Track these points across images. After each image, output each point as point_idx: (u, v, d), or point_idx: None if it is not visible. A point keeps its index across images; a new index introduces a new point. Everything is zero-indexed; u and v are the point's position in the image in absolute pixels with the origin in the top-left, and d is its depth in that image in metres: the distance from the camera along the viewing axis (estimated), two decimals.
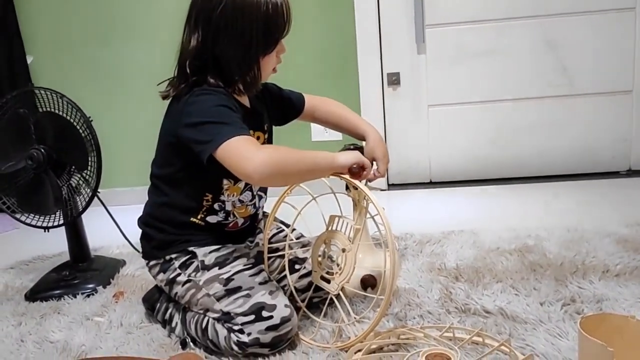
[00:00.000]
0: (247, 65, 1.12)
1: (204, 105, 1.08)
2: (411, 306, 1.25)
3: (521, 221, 1.74)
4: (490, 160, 2.28)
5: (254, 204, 1.23)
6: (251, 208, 1.23)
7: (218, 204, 1.18)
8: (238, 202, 1.20)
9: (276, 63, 1.17)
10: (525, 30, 2.14)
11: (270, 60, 1.15)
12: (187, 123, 1.08)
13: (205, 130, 1.05)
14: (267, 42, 1.12)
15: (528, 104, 2.21)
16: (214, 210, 1.18)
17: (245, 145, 1.02)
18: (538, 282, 1.30)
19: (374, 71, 2.23)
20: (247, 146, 1.02)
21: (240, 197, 1.20)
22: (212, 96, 1.09)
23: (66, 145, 1.46)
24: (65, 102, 1.45)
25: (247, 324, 1.06)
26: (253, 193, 1.22)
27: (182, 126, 1.08)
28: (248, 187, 1.20)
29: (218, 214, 1.18)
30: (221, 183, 1.16)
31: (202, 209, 1.17)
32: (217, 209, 1.18)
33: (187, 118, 1.08)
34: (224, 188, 1.17)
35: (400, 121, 2.29)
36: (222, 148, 1.01)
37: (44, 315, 1.36)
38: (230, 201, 1.19)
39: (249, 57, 1.11)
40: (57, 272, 1.56)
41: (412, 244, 1.61)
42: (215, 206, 1.18)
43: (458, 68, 2.20)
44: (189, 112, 1.08)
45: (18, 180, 1.50)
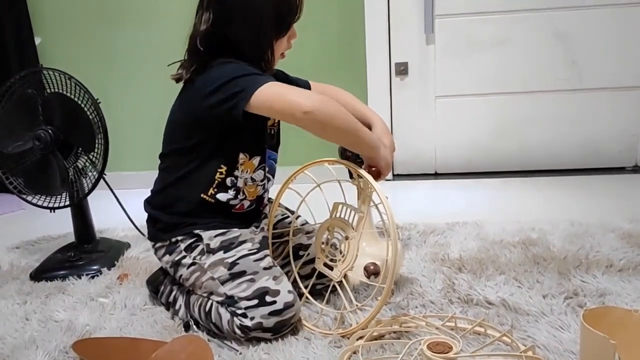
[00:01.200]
0: (260, 48, 1.12)
1: (225, 68, 1.08)
2: (414, 295, 1.25)
3: (525, 214, 1.74)
4: (497, 153, 2.27)
5: (264, 184, 1.24)
6: (260, 189, 1.23)
7: (230, 179, 1.17)
8: (250, 180, 1.19)
9: (286, 48, 1.17)
10: (534, 23, 2.13)
11: (281, 45, 1.15)
12: (211, 90, 1.07)
13: (234, 85, 1.04)
14: (280, 25, 1.12)
15: (536, 96, 2.20)
16: (225, 186, 1.17)
17: (286, 87, 1.04)
18: (541, 275, 1.30)
19: (382, 60, 2.22)
20: (289, 88, 1.04)
21: (253, 174, 1.20)
22: (232, 63, 1.10)
23: (73, 126, 1.46)
24: (73, 83, 1.44)
25: (251, 308, 1.06)
26: (265, 173, 1.22)
27: (205, 96, 1.07)
28: (261, 166, 1.21)
29: (229, 191, 1.18)
30: (237, 156, 1.16)
31: (214, 183, 1.16)
32: (229, 184, 1.17)
33: (209, 86, 1.07)
34: (239, 162, 1.17)
35: (407, 111, 2.28)
36: (260, 93, 1.02)
37: (48, 295, 1.37)
38: (243, 178, 1.18)
39: (263, 40, 1.12)
40: (62, 253, 1.57)
41: (416, 234, 1.61)
42: (227, 181, 1.17)
43: (467, 59, 2.19)
44: (211, 80, 1.08)
45: (25, 161, 1.50)
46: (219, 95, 1.06)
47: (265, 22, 1.10)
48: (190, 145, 1.15)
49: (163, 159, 1.22)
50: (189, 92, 1.15)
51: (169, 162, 1.21)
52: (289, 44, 1.17)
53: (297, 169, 1.19)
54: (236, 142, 1.14)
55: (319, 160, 1.17)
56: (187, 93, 1.16)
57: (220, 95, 1.06)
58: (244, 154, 1.17)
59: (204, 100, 1.08)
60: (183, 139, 1.17)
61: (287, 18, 1.12)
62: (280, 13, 1.11)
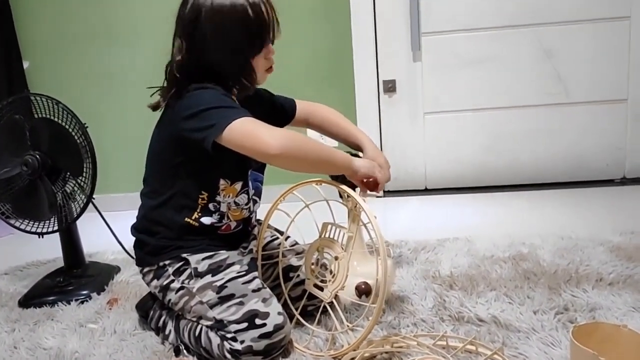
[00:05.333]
0: (238, 69, 1.13)
1: (203, 95, 1.09)
2: (405, 314, 1.25)
3: (516, 229, 1.75)
4: (486, 168, 2.28)
5: (249, 208, 1.23)
6: (246, 212, 1.23)
7: (213, 204, 1.17)
8: (234, 204, 1.19)
9: (267, 65, 1.17)
10: (520, 39, 2.15)
11: (259, 62, 1.15)
12: (186, 115, 1.08)
13: (208, 116, 1.05)
14: (253, 44, 1.13)
15: (523, 111, 2.22)
16: (209, 211, 1.17)
17: (256, 125, 1.04)
18: (532, 291, 1.30)
19: (370, 78, 2.24)
20: (259, 125, 1.04)
21: (236, 199, 1.20)
22: (209, 90, 1.10)
23: (61, 151, 1.45)
24: (60, 108, 1.44)
25: (240, 331, 1.06)
26: (249, 196, 1.22)
27: (181, 120, 1.08)
28: (244, 190, 1.20)
29: (213, 215, 1.18)
30: (218, 182, 1.16)
31: (198, 208, 1.16)
32: (212, 209, 1.17)
33: (186, 111, 1.08)
34: (220, 188, 1.17)
35: (396, 128, 2.30)
36: (230, 129, 1.03)
37: (37, 321, 1.36)
38: (226, 202, 1.18)
39: (239, 61, 1.13)
40: (51, 278, 1.55)
41: (407, 252, 1.61)
42: (210, 206, 1.17)
43: (454, 76, 2.21)
44: (188, 105, 1.09)
45: (13, 186, 1.49)
46: (193, 123, 1.07)
47: (238, 44, 1.11)
48: (171, 170, 1.15)
49: (145, 184, 1.23)
50: (168, 116, 1.16)
51: (151, 186, 1.21)
52: (268, 60, 1.17)
53: (286, 188, 1.19)
54: (216, 169, 1.14)
55: (307, 180, 1.17)
56: (166, 118, 1.17)
57: (194, 123, 1.07)
58: (225, 180, 1.17)
59: (181, 124, 1.09)
60: (164, 163, 1.17)
61: (260, 36, 1.13)
62: (252, 33, 1.11)
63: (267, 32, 1.13)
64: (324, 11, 2.21)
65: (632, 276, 1.34)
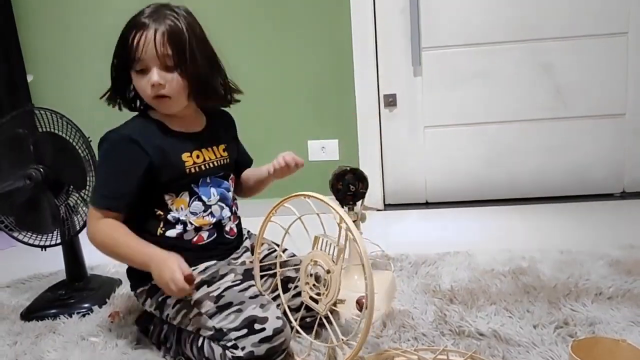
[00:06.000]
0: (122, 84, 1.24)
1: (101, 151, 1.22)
2: (405, 328, 1.25)
3: (515, 243, 1.76)
4: (486, 182, 2.30)
5: (211, 213, 1.25)
6: (209, 217, 1.24)
7: (171, 216, 1.21)
8: (190, 214, 1.22)
9: (148, 85, 1.17)
10: (519, 54, 2.18)
11: (139, 81, 1.18)
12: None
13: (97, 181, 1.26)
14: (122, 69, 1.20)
15: (522, 125, 2.24)
16: (170, 223, 1.21)
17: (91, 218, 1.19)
18: (531, 305, 1.31)
19: (370, 92, 2.26)
20: (91, 219, 1.18)
21: (190, 208, 1.23)
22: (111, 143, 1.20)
23: (65, 164, 1.47)
24: (64, 122, 1.46)
25: (240, 338, 1.06)
26: (205, 203, 1.24)
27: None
28: (194, 197, 1.23)
29: (175, 226, 1.21)
30: (163, 198, 1.21)
31: (160, 224, 1.21)
32: (172, 221, 1.21)
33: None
34: (169, 203, 1.21)
35: (397, 142, 2.31)
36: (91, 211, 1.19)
37: (39, 334, 1.36)
38: (182, 214, 1.21)
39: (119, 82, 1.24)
40: (53, 291, 1.56)
41: (408, 265, 1.62)
42: (169, 218, 1.21)
43: (454, 90, 2.23)
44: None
45: (16, 199, 1.50)
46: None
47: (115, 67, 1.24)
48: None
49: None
50: None
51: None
52: (150, 85, 1.16)
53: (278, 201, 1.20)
54: (155, 188, 1.20)
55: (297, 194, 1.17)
56: None
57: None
58: (168, 194, 1.21)
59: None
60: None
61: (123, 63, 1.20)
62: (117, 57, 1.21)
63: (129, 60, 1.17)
64: (325, 26, 2.23)
65: (632, 290, 1.34)
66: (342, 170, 1.40)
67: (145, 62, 1.15)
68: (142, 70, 1.16)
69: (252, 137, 1.50)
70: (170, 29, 1.14)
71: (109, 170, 1.19)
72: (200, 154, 1.24)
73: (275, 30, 2.26)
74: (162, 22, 1.14)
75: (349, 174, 1.40)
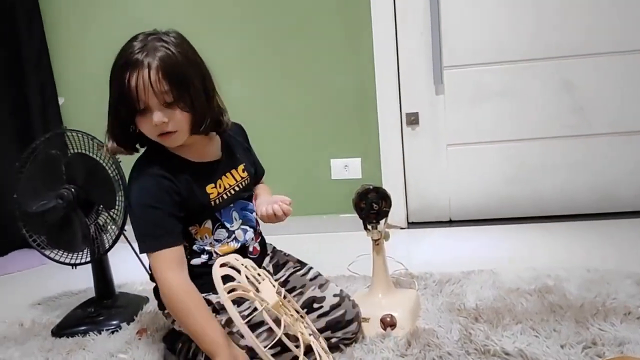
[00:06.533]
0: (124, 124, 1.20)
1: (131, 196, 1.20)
2: (430, 347, 1.25)
3: (541, 261, 1.74)
4: (510, 200, 2.28)
5: (235, 238, 1.26)
6: (233, 243, 1.26)
7: (197, 246, 1.22)
8: (215, 241, 1.24)
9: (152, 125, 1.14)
10: (541, 71, 2.18)
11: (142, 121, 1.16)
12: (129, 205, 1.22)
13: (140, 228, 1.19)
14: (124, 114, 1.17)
15: (546, 143, 2.22)
16: (195, 253, 1.23)
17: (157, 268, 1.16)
18: (558, 324, 1.30)
19: (393, 111, 2.27)
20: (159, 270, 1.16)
21: (214, 236, 1.24)
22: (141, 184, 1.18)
23: (95, 185, 1.51)
24: (95, 143, 1.51)
25: (274, 356, 1.07)
26: (229, 229, 1.25)
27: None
28: (217, 224, 1.24)
29: (201, 255, 1.23)
30: (188, 230, 1.22)
31: (185, 253, 1.20)
32: (197, 250, 1.23)
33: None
34: (193, 233, 1.22)
35: (420, 160, 2.32)
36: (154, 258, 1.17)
37: (70, 351, 1.39)
38: (207, 242, 1.23)
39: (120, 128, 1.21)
40: (83, 309, 1.60)
41: (432, 284, 1.61)
42: (194, 248, 1.22)
43: (476, 108, 2.24)
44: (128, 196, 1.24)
45: (48, 219, 1.55)
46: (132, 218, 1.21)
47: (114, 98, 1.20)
48: None
49: None
50: None
51: None
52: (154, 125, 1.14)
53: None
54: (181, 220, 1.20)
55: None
56: None
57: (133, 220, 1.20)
58: (193, 225, 1.22)
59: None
60: None
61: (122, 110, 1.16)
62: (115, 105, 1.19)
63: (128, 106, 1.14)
64: (348, 47, 2.26)
65: None
66: (365, 189, 1.41)
67: (145, 103, 1.12)
68: (144, 110, 1.13)
69: (276, 156, 1.52)
70: (164, 63, 1.10)
71: (152, 212, 1.16)
72: (221, 182, 1.25)
73: (299, 50, 2.30)
74: (154, 55, 1.10)
75: (372, 193, 1.41)
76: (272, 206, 1.23)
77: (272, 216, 1.23)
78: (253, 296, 1.03)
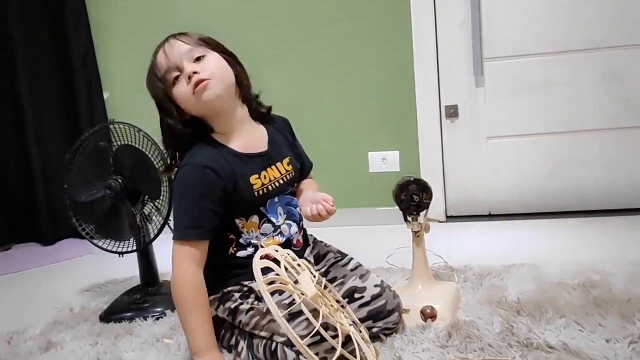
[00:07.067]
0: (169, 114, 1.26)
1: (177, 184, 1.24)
2: (471, 338, 1.24)
3: (584, 255, 1.71)
4: (551, 193, 2.24)
5: (280, 233, 1.28)
6: (278, 237, 1.28)
7: (243, 239, 1.25)
8: (261, 235, 1.26)
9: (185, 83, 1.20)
10: (584, 63, 2.13)
11: (177, 90, 1.22)
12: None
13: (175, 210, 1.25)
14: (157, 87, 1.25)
15: (589, 135, 2.18)
16: (242, 245, 1.26)
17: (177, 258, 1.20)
18: (603, 318, 1.27)
19: (432, 103, 2.26)
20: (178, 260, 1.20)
21: (260, 230, 1.26)
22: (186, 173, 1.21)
23: (141, 175, 1.55)
24: (142, 135, 1.55)
25: (314, 344, 1.08)
26: (274, 224, 1.27)
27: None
28: (264, 219, 1.26)
29: (247, 248, 1.26)
30: (234, 223, 1.25)
31: (231, 245, 1.25)
32: (244, 243, 1.26)
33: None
34: (240, 226, 1.25)
35: (459, 153, 2.30)
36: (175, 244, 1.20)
37: (117, 335, 1.44)
38: (253, 236, 1.25)
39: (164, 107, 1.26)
40: (129, 296, 1.65)
41: (472, 277, 1.60)
42: (241, 241, 1.25)
43: (517, 100, 2.21)
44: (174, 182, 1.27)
45: (96, 208, 1.60)
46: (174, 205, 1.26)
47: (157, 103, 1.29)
48: None
49: None
50: None
51: None
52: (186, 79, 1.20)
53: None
54: (227, 213, 1.23)
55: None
56: None
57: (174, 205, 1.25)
58: (239, 218, 1.25)
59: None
60: None
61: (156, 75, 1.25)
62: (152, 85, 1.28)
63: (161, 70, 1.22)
64: (387, 39, 2.26)
65: None
66: (406, 181, 1.41)
67: (175, 66, 1.20)
68: (177, 78, 1.20)
69: (314, 148, 1.53)
70: (192, 34, 1.23)
71: (189, 200, 1.19)
72: (266, 174, 1.27)
73: (338, 42, 2.31)
74: (180, 33, 1.24)
75: (412, 184, 1.41)
76: (317, 206, 1.24)
77: (317, 216, 1.24)
78: (291, 288, 1.05)
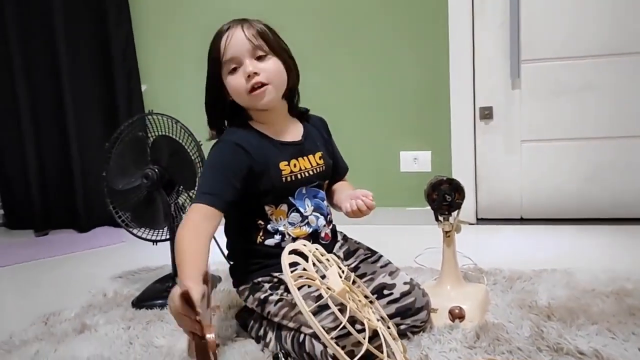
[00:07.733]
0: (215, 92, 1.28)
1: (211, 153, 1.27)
2: (500, 341, 1.24)
3: (618, 263, 1.68)
4: (586, 200, 2.20)
5: (307, 223, 1.30)
6: (305, 228, 1.30)
7: (271, 226, 1.28)
8: (288, 224, 1.28)
9: (243, 80, 1.22)
10: (623, 66, 2.09)
11: (232, 81, 1.23)
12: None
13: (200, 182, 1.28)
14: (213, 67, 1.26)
15: (626, 142, 2.13)
16: (269, 233, 1.28)
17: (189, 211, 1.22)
18: (637, 327, 1.25)
19: (466, 104, 2.25)
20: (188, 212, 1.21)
21: (288, 219, 1.28)
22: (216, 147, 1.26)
23: (177, 166, 1.58)
24: (179, 127, 1.58)
25: (341, 337, 1.09)
26: (302, 214, 1.29)
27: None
28: (292, 209, 1.28)
29: (274, 236, 1.28)
30: (264, 209, 1.27)
31: (260, 233, 1.27)
32: (271, 231, 1.28)
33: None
34: (269, 213, 1.27)
35: (492, 155, 2.28)
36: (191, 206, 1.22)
37: (149, 321, 1.47)
38: (281, 224, 1.27)
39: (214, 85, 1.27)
40: (161, 283, 1.68)
41: (502, 280, 1.59)
42: (269, 228, 1.28)
43: (553, 104, 2.17)
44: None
45: (133, 197, 1.64)
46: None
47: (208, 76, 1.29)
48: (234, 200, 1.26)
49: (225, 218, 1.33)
50: None
51: (227, 221, 1.33)
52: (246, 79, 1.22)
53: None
54: (257, 199, 1.26)
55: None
56: None
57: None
58: (269, 205, 1.27)
59: None
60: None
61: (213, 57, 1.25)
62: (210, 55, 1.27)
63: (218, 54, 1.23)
64: (423, 39, 2.26)
65: None
66: (438, 180, 1.41)
67: (236, 59, 1.22)
68: (234, 69, 1.23)
69: (346, 147, 1.55)
70: (256, 26, 1.23)
71: (212, 170, 1.25)
72: (297, 162, 1.29)
73: (373, 41, 2.31)
74: (246, 22, 1.24)
75: (445, 184, 1.40)
76: (357, 201, 1.25)
77: (357, 211, 1.25)
78: (319, 284, 1.06)
